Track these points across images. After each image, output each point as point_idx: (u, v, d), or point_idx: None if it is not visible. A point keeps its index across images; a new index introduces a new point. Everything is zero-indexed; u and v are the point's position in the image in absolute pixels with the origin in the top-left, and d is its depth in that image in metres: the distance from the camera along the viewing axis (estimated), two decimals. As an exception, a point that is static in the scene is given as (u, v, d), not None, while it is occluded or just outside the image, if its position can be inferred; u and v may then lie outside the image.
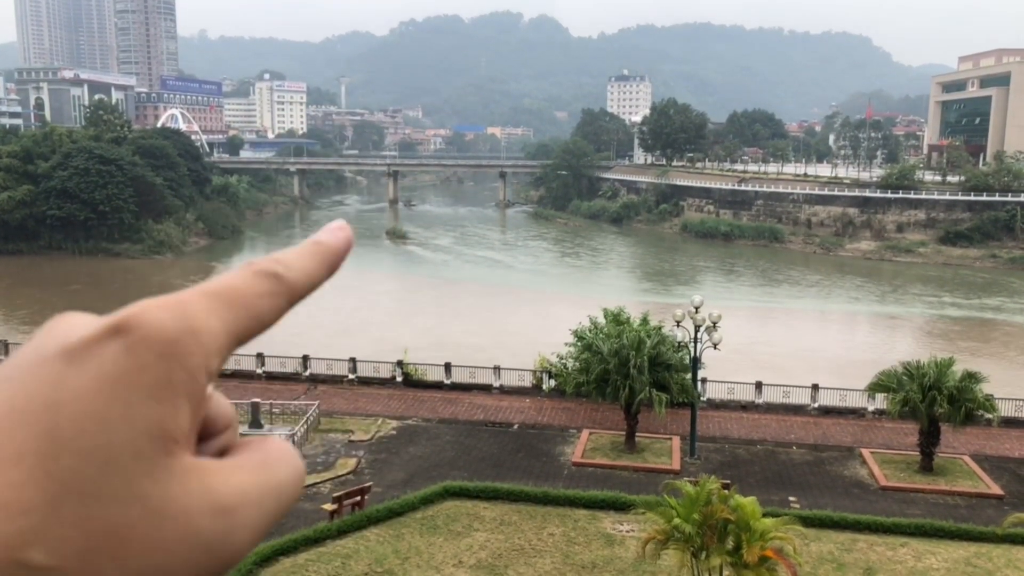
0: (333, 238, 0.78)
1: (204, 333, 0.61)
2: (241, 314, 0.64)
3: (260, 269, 0.68)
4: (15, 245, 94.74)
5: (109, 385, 0.56)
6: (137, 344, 0.58)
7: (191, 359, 0.59)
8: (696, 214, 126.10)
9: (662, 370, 31.90)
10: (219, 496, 0.58)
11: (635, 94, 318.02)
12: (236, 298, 0.64)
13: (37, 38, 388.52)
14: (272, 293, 0.67)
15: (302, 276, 0.71)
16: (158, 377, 0.58)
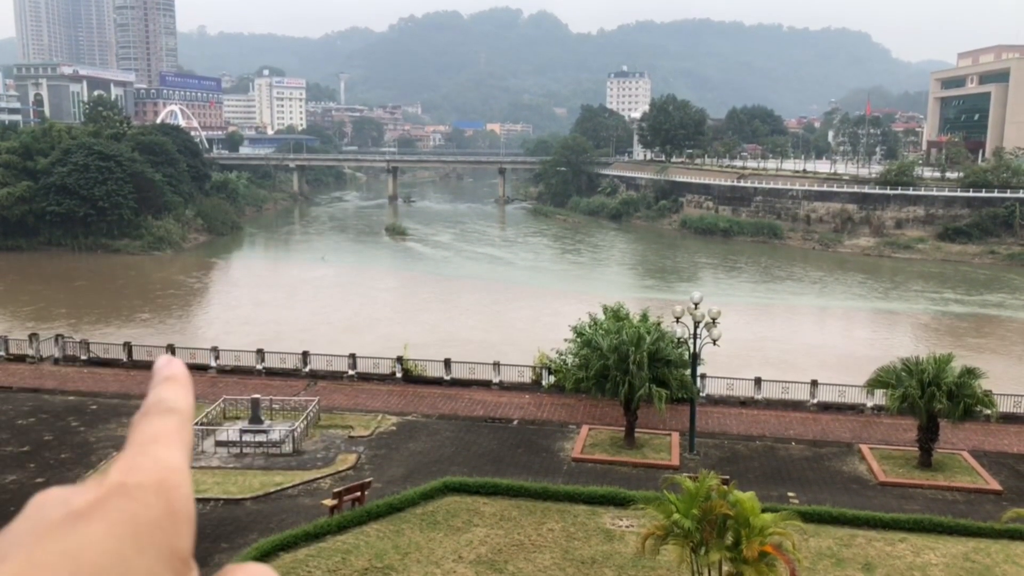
0: (175, 370, 0.89)
1: (177, 467, 0.71)
2: (181, 446, 0.76)
3: (159, 410, 0.80)
4: (14, 241, 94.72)
5: (122, 528, 0.64)
6: (134, 491, 0.67)
7: (181, 489, 0.71)
8: (695, 210, 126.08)
9: (661, 366, 31.95)
10: None
11: (634, 90, 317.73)
12: (170, 436, 0.75)
13: (36, 34, 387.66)
14: (181, 424, 0.79)
15: (184, 404, 0.84)
16: (162, 509, 0.68)
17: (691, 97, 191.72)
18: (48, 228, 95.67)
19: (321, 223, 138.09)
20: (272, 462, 32.01)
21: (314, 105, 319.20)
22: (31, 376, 42.29)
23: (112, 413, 37.20)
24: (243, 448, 32.81)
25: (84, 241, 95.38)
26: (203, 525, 26.55)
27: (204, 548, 24.84)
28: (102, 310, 66.73)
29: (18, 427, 35.30)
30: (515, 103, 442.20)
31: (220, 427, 34.31)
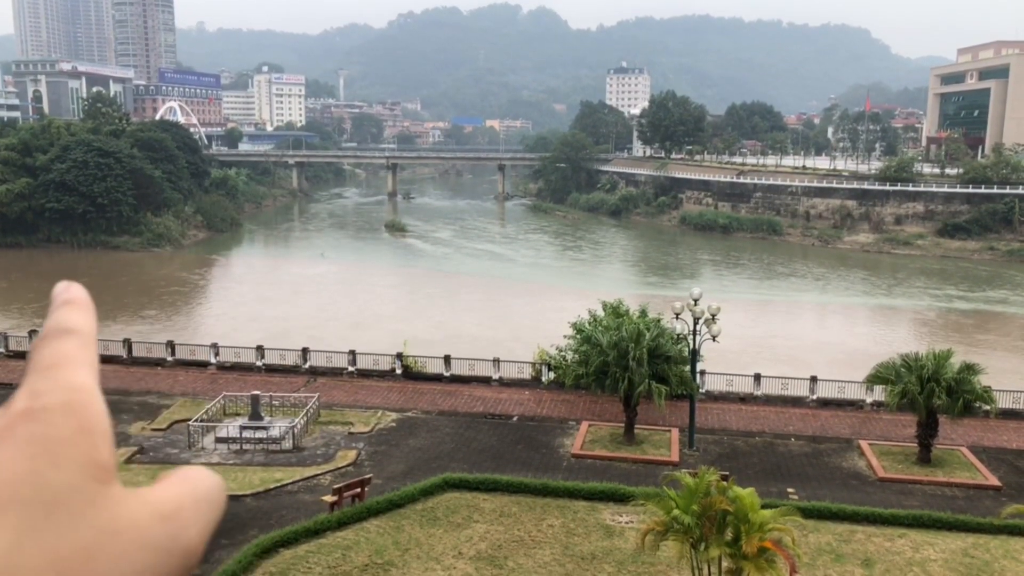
0: (74, 294, 0.89)
1: (82, 387, 0.74)
2: (85, 366, 0.76)
3: (58, 332, 0.80)
4: (14, 238, 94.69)
5: (31, 447, 0.68)
6: (41, 413, 0.70)
7: (89, 408, 0.74)
8: (695, 207, 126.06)
9: (661, 362, 31.98)
10: (159, 506, 0.72)
11: (634, 86, 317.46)
12: (72, 358, 0.76)
13: (35, 30, 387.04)
14: (83, 344, 0.80)
15: (84, 325, 0.83)
16: (72, 427, 0.71)
17: (691, 93, 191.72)
18: (47, 225, 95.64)
19: (321, 220, 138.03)
20: (272, 458, 32.04)
21: (313, 101, 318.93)
22: (31, 373, 42.20)
23: (111, 410, 36.06)
24: (243, 444, 32.84)
25: (83, 238, 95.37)
26: (203, 521, 26.56)
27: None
28: (102, 307, 66.42)
29: (18, 424, 35.28)
30: (514, 99, 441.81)
31: (220, 423, 34.34)
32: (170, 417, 36.01)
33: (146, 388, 40.18)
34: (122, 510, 0.71)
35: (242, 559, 22.94)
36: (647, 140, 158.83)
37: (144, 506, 0.72)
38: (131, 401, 38.36)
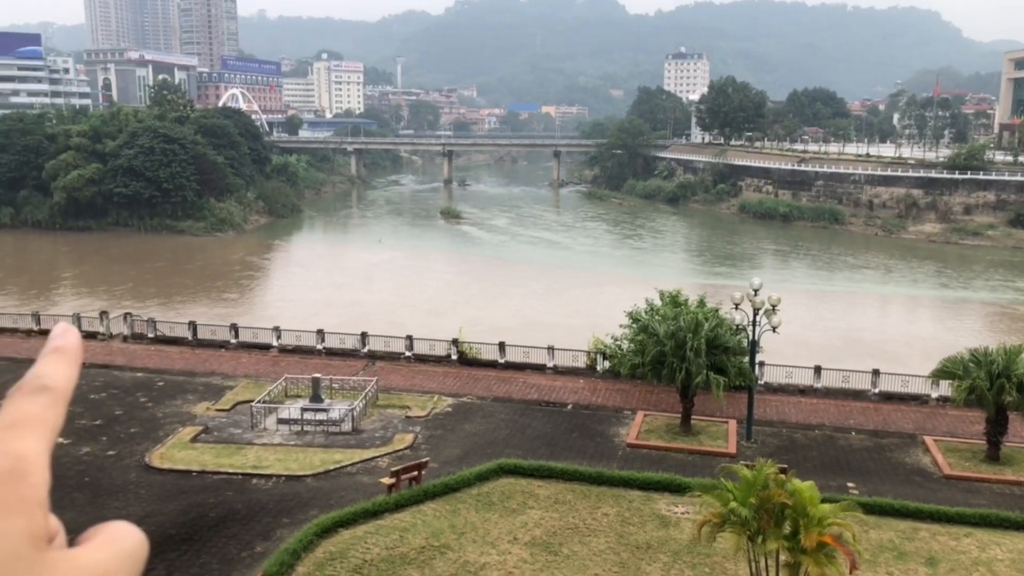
0: (67, 341, 0.94)
1: (29, 456, 0.79)
2: (40, 429, 0.82)
3: (32, 388, 0.86)
4: (85, 222, 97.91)
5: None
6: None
7: (31, 478, 0.78)
8: (754, 194, 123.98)
9: (719, 353, 31.64)
10: (89, 570, 0.77)
11: (692, 72, 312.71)
12: (31, 420, 0.82)
13: (104, 20, 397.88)
14: (51, 404, 0.85)
15: (62, 380, 0.89)
16: (10, 497, 0.76)
17: (751, 79, 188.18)
18: (116, 209, 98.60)
19: (378, 206, 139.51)
20: (332, 440, 32.67)
21: (371, 89, 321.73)
22: (102, 352, 43.78)
23: (178, 390, 38.34)
24: (304, 426, 33.54)
25: (150, 222, 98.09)
26: (266, 500, 27.29)
27: (266, 523, 25.55)
28: (168, 290, 68.62)
29: (91, 401, 36.63)
30: (571, 85, 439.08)
31: (282, 405, 35.12)
32: (233, 398, 36.95)
33: (210, 369, 41.26)
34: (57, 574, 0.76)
35: (303, 538, 23.49)
36: (706, 126, 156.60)
37: (75, 571, 0.77)
38: (196, 382, 39.46)
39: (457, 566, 23.08)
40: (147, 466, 29.97)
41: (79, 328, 45.06)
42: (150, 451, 31.25)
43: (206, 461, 30.45)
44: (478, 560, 23.39)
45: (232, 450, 31.56)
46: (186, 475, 29.22)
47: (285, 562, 22.29)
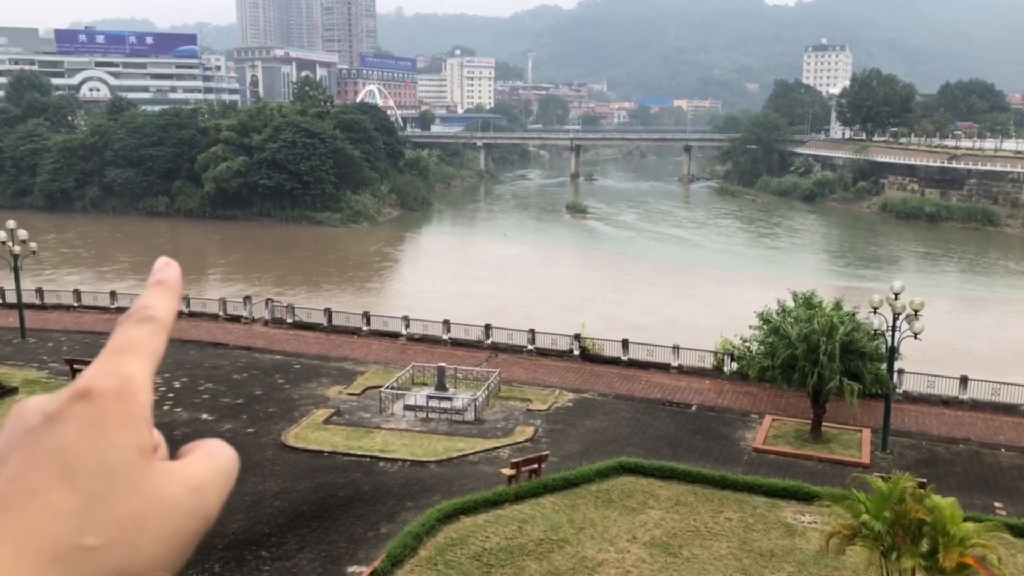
0: (169, 275, 1.01)
1: (135, 377, 0.88)
2: (146, 354, 0.91)
3: (139, 317, 0.95)
4: (231, 211, 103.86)
5: (90, 427, 0.83)
6: (96, 398, 0.84)
7: (137, 397, 0.87)
8: (898, 193, 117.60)
9: (855, 358, 30.25)
10: (189, 481, 0.87)
11: (833, 64, 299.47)
12: (138, 345, 0.91)
13: (253, 19, 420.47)
14: (155, 332, 0.94)
15: (165, 311, 0.97)
16: (121, 414, 0.85)
17: (897, 71, 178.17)
18: (260, 200, 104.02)
19: (505, 200, 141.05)
20: (455, 428, 33.39)
21: (502, 84, 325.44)
22: (244, 335, 46.42)
23: (313, 373, 40.14)
24: (429, 413, 34.43)
25: (290, 213, 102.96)
26: (391, 484, 28.20)
27: (391, 506, 26.40)
28: (308, 277, 71.87)
29: (233, 381, 38.90)
30: (704, 79, 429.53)
31: (409, 392, 36.18)
32: (364, 383, 38.34)
33: (343, 355, 42.97)
34: (162, 483, 0.85)
35: (425, 522, 24.13)
36: (846, 121, 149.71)
37: (178, 480, 0.86)
38: (329, 366, 41.19)
39: (575, 561, 23.12)
40: (283, 445, 31.54)
41: (224, 313, 47.89)
42: (286, 431, 32.87)
43: (337, 443, 31.76)
44: (596, 556, 23.36)
45: (361, 433, 32.77)
46: (318, 455, 30.57)
47: (408, 544, 22.98)
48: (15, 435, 0.83)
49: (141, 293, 0.98)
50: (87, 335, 45.82)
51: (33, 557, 0.75)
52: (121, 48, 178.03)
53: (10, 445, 0.82)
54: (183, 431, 32.74)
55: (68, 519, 0.78)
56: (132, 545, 0.81)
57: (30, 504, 0.78)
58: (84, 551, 0.78)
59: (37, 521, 0.77)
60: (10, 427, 0.85)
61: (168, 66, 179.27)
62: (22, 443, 0.82)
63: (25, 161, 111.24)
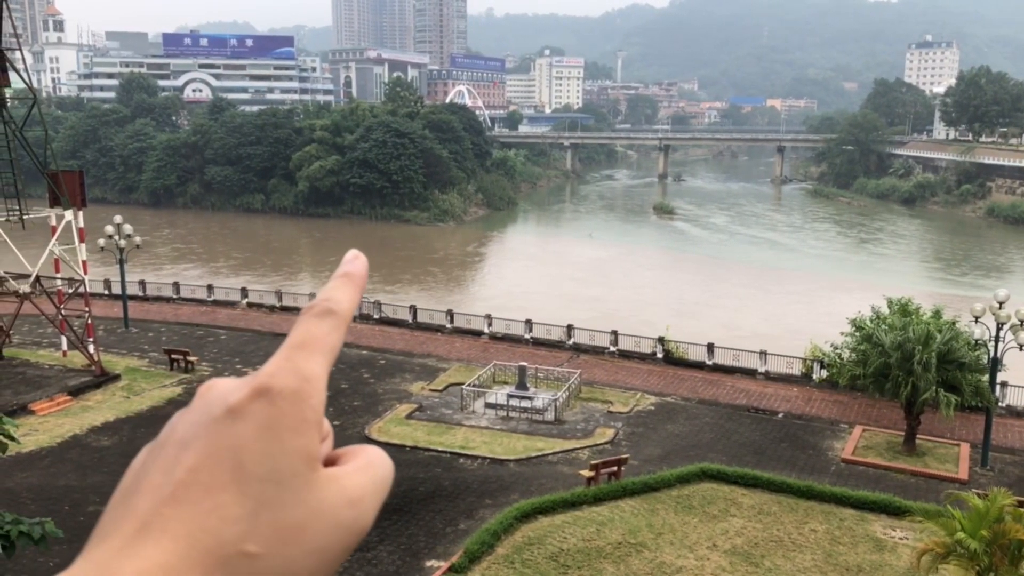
0: (355, 268, 1.00)
1: (313, 377, 0.87)
2: (324, 352, 0.90)
3: (319, 311, 0.93)
4: (324, 209, 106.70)
5: (266, 430, 0.82)
6: (275, 398, 0.84)
7: (312, 399, 0.86)
8: (1007, 197, 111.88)
9: (953, 369, 28.91)
10: (349, 493, 0.86)
11: (938, 62, 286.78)
12: (317, 342, 0.90)
13: (348, 21, 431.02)
14: (335, 327, 0.92)
15: (347, 305, 0.95)
16: (296, 417, 0.84)
17: (1010, 69, 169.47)
18: (351, 198, 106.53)
19: (591, 201, 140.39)
20: (535, 428, 33.45)
21: (591, 83, 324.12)
22: (332, 330, 47.52)
23: (397, 368, 40.86)
24: (509, 412, 34.59)
25: (380, 211, 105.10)
26: (471, 481, 28.46)
27: (470, 502, 26.64)
28: (393, 273, 73.16)
29: (321, 374, 39.90)
30: (799, 78, 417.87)
31: (490, 390, 36.43)
32: (446, 380, 38.82)
33: (427, 351, 43.60)
34: (324, 494, 0.84)
35: (503, 520, 24.25)
36: (951, 121, 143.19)
37: (339, 492, 0.85)
38: (413, 362, 41.86)
39: (653, 566, 22.85)
40: (366, 438, 32.21)
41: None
42: (370, 424, 33.57)
43: (419, 438, 32.26)
44: (674, 563, 23.03)
45: (442, 429, 33.19)
46: (400, 449, 31.10)
47: (486, 542, 23.14)
48: (199, 420, 0.85)
49: (327, 283, 0.98)
50: (184, 326, 47.85)
51: (201, 557, 0.77)
52: (223, 51, 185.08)
53: (194, 432, 0.84)
54: (272, 421, 33.81)
55: (235, 523, 0.79)
56: (289, 557, 0.81)
57: (203, 502, 0.79)
58: (245, 558, 0.78)
59: (208, 520, 0.78)
60: (196, 410, 0.87)
61: (266, 67, 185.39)
62: (204, 432, 0.83)
63: (132, 159, 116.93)
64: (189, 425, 0.85)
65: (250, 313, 51.24)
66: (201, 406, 0.87)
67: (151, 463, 0.84)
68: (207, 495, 0.79)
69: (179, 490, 0.79)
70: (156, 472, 0.82)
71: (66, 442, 31.44)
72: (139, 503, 0.80)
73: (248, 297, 53.13)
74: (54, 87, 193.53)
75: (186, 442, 0.83)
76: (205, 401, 0.87)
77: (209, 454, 0.81)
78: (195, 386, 26.77)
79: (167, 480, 0.80)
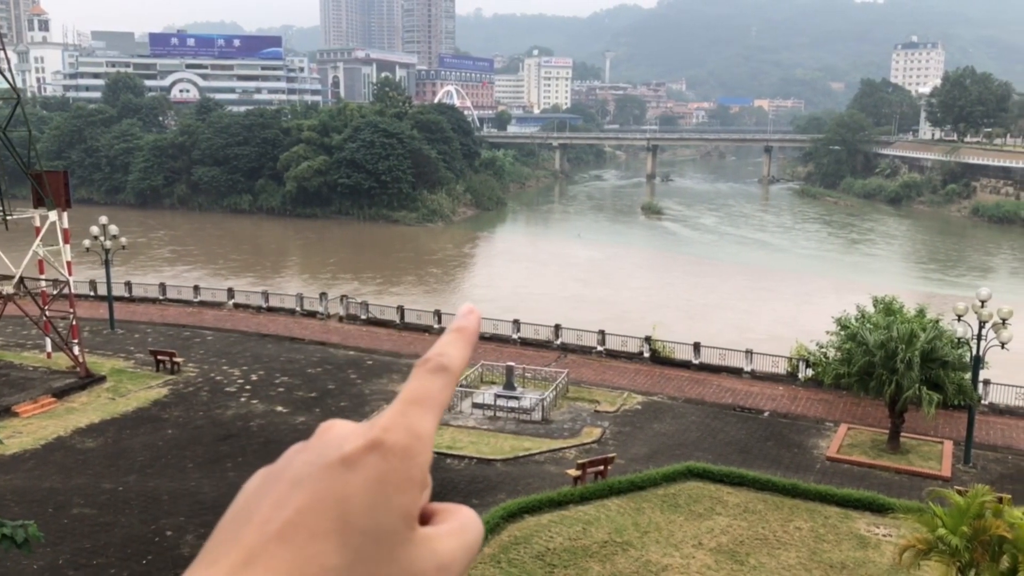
0: (469, 323, 1.02)
1: (424, 436, 0.88)
2: (436, 410, 0.91)
3: (433, 367, 0.94)
4: (311, 209, 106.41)
5: (375, 484, 0.84)
6: (387, 453, 0.86)
7: (420, 457, 0.88)
8: (991, 196, 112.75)
9: (936, 367, 29.15)
10: (440, 557, 0.87)
11: (924, 63, 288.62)
12: (430, 399, 0.91)
13: (336, 21, 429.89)
14: (447, 384, 0.94)
15: (459, 362, 0.97)
16: (404, 476, 0.86)
17: (994, 69, 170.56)
18: (339, 199, 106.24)
19: (579, 201, 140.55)
20: (522, 428, 33.50)
21: (579, 84, 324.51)
22: (320, 331, 47.54)
23: (384, 369, 40.84)
24: (496, 412, 34.64)
25: (368, 211, 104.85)
26: (457, 480, 28.48)
27: (457, 502, 26.31)
28: (383, 274, 73.11)
29: (308, 375, 39.90)
30: (786, 78, 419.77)
31: (477, 390, 36.47)
32: (433, 380, 38.71)
33: (414, 352, 43.54)
34: (417, 555, 0.85)
35: (490, 520, 24.28)
36: (937, 122, 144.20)
37: (430, 556, 0.86)
38: (401, 363, 41.83)
39: (639, 564, 22.95)
40: (353, 438, 32.15)
41: (301, 308, 49.06)
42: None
43: (405, 438, 32.19)
44: (660, 561, 23.13)
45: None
46: (387, 450, 31.06)
47: (472, 541, 23.15)
48: (314, 461, 0.86)
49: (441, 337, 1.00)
50: (171, 327, 47.66)
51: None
52: (210, 50, 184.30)
53: (308, 472, 0.85)
54: (259, 422, 33.77)
55: (332, 571, 0.80)
56: None
57: (307, 546, 0.80)
58: None
59: (309, 565, 0.79)
60: (313, 448, 0.88)
61: (254, 67, 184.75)
62: (317, 475, 0.84)
63: (119, 160, 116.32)
64: (304, 464, 0.87)
65: (237, 314, 51.09)
66: (318, 446, 0.88)
67: (264, 494, 0.85)
68: (311, 540, 0.80)
69: (286, 529, 0.81)
70: (267, 506, 0.84)
71: (50, 444, 31.28)
72: (248, 535, 0.81)
73: (235, 298, 52.97)
74: (39, 87, 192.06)
75: (299, 481, 0.85)
76: (322, 442, 0.88)
77: (318, 499, 0.83)
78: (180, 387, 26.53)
79: (276, 516, 0.82)
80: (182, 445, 31.41)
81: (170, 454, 30.61)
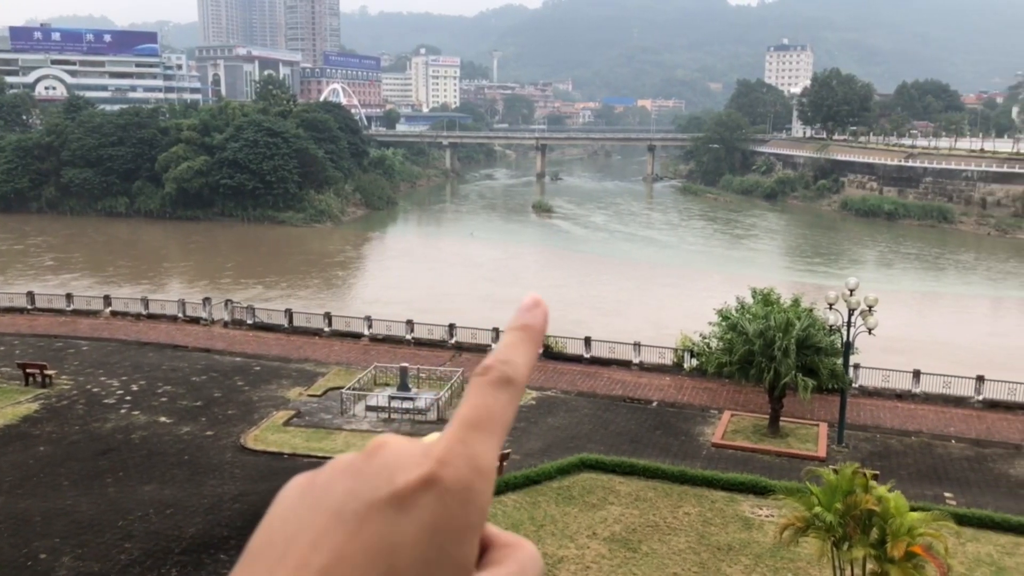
0: (535, 319, 0.90)
1: (487, 471, 0.77)
2: (500, 433, 0.80)
3: (496, 378, 0.82)
4: (192, 212, 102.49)
5: (428, 532, 0.74)
6: (445, 494, 0.75)
7: (481, 498, 0.77)
8: (857, 191, 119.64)
9: (811, 354, 30.76)
10: None
11: (795, 64, 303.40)
12: (494, 421, 0.80)
13: (215, 18, 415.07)
14: (512, 399, 0.82)
15: (525, 369, 0.84)
16: (462, 522, 0.76)
17: (857, 71, 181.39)
18: (222, 200, 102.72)
19: (471, 200, 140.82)
20: (418, 429, 33.32)
21: (467, 83, 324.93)
22: (204, 337, 45.88)
23: (273, 375, 39.81)
24: (391, 414, 34.35)
25: (253, 213, 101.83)
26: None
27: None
28: (268, 278, 71.18)
29: (192, 383, 38.46)
30: (668, 78, 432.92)
31: (371, 393, 36.05)
32: (325, 384, 38.13)
33: (304, 356, 42.67)
34: None
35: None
36: (807, 120, 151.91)
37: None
38: (290, 368, 40.90)
39: (535, 558, 23.23)
40: (242, 447, 31.26)
41: (183, 314, 47.23)
42: (245, 433, 32.57)
43: (297, 444, 31.56)
44: (556, 553, 23.51)
45: (322, 434, 32.61)
46: (278, 457, 30.36)
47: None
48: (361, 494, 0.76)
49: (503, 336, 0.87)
50: (41, 338, 45.02)
51: None
52: (78, 46, 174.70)
53: (354, 509, 0.76)
54: (141, 434, 32.33)
55: None
56: None
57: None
58: None
59: None
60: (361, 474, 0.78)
61: (127, 64, 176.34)
62: (364, 514, 0.75)
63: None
64: (348, 494, 0.77)
65: (114, 322, 48.72)
66: (367, 472, 0.78)
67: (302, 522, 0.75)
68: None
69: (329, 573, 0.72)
70: (305, 543, 0.74)
71: (-93, 468, 29.03)
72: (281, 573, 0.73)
73: (112, 305, 50.51)
74: None
75: (342, 515, 0.75)
76: (372, 468, 0.78)
77: (364, 546, 0.74)
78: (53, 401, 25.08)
79: (314, 558, 0.73)
80: (56, 462, 29.73)
81: (42, 472, 28.92)
